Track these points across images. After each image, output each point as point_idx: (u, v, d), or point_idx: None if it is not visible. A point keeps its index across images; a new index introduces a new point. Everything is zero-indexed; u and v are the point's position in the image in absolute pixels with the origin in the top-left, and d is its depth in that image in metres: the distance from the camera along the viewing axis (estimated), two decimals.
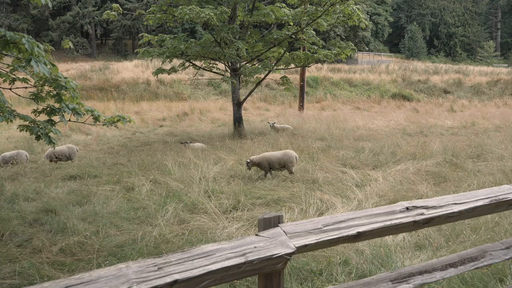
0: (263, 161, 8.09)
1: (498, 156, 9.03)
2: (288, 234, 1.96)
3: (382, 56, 50.92)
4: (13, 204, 6.40)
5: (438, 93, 29.78)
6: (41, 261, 4.37)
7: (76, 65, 34.48)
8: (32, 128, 4.58)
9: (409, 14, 66.32)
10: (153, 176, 7.99)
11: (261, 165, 8.11)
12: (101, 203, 6.42)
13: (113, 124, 5.56)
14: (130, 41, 53.32)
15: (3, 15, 47.04)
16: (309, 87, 28.62)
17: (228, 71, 13.70)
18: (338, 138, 11.70)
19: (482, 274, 3.64)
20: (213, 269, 1.63)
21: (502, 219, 5.06)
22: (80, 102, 5.08)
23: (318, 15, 11.96)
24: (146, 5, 43.42)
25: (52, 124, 4.90)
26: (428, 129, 14.12)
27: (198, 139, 12.75)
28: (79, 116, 4.92)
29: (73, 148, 10.11)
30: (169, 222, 5.57)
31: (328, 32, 39.53)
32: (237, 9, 13.25)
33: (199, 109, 20.89)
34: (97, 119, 5.17)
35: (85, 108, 5.08)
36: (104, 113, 18.47)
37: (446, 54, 61.94)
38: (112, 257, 4.50)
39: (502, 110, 20.52)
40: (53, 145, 4.86)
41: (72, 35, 46.00)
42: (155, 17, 12.96)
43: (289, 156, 8.06)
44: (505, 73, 35.61)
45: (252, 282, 3.78)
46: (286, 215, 5.63)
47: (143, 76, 28.45)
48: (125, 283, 1.49)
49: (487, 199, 2.51)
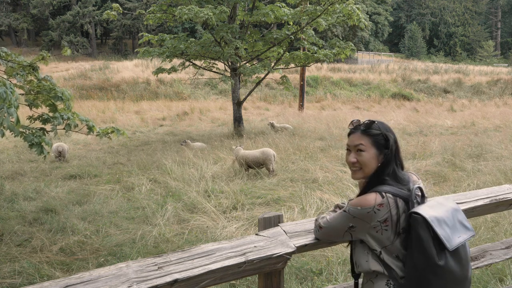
0: (239, 160, 8.14)
1: (498, 155, 9.03)
2: (288, 234, 1.96)
3: (382, 55, 50.91)
4: (13, 204, 6.40)
5: (438, 93, 29.79)
6: (41, 261, 4.37)
7: (76, 65, 34.48)
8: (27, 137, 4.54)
9: (409, 14, 66.33)
10: (153, 176, 7.99)
11: (238, 163, 8.16)
12: (101, 202, 6.42)
13: (106, 136, 5.54)
14: (130, 41, 53.36)
15: (3, 14, 47.03)
16: (309, 86, 28.62)
17: (227, 71, 13.70)
18: (338, 137, 11.69)
19: (482, 273, 3.64)
20: (213, 269, 1.63)
21: (502, 219, 5.06)
22: (75, 112, 5.07)
23: (317, 15, 11.95)
24: (146, 4, 43.45)
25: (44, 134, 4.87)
26: (428, 128, 14.12)
27: (198, 139, 12.75)
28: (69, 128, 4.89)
29: (63, 146, 10.09)
30: (168, 221, 5.57)
31: (326, 32, 39.50)
32: (237, 9, 13.25)
33: (199, 108, 20.89)
34: (91, 129, 5.15)
35: (79, 118, 5.06)
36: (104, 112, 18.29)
37: (446, 54, 61.95)
38: (112, 257, 4.50)
39: (502, 110, 20.51)
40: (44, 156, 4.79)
41: (72, 34, 46.00)
42: (155, 17, 12.95)
43: (267, 154, 8.09)
44: (505, 73, 35.61)
45: (252, 281, 3.78)
46: (286, 214, 5.63)
47: (143, 75, 28.45)
48: (125, 282, 1.49)
49: (487, 199, 2.51)
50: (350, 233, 1.75)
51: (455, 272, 1.61)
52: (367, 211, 1.66)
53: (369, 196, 1.68)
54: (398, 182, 1.73)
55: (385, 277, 1.70)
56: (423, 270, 1.59)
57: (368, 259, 1.73)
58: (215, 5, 12.14)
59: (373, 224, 1.67)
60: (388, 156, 1.75)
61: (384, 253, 1.69)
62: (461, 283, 1.65)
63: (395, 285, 1.67)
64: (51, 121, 4.78)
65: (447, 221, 1.65)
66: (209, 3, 12.44)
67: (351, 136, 1.81)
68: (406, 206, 1.68)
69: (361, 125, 1.80)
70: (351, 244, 1.87)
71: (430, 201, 1.73)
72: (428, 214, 1.62)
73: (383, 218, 1.65)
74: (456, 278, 1.62)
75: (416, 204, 1.69)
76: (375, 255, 1.71)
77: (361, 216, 1.68)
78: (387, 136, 1.76)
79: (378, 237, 1.68)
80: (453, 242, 1.61)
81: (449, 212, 1.69)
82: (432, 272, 1.58)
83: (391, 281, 1.68)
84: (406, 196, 1.69)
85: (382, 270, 1.70)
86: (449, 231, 1.63)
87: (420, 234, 1.60)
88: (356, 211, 1.69)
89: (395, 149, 1.77)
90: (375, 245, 1.70)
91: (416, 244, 1.61)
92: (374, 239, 1.69)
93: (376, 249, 1.70)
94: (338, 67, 35.05)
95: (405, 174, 1.79)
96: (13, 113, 3.20)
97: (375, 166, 1.75)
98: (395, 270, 1.68)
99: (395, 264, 1.68)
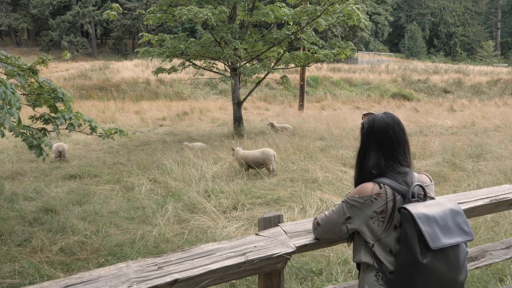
0: (240, 160, 8.14)
1: (498, 155, 9.02)
2: (288, 234, 1.96)
3: (382, 55, 50.90)
4: (13, 204, 6.40)
5: (438, 93, 29.78)
6: (41, 261, 4.37)
7: (76, 65, 34.49)
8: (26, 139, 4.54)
9: (409, 14, 66.32)
10: (153, 176, 7.99)
11: (238, 163, 8.16)
12: (101, 202, 6.42)
13: (109, 137, 5.54)
14: (130, 41, 53.35)
15: (3, 14, 47.03)
16: (309, 86, 28.62)
17: (227, 71, 13.70)
18: (338, 137, 11.70)
19: (482, 273, 3.64)
20: (213, 269, 1.63)
21: (502, 219, 5.06)
22: (78, 112, 5.07)
23: (317, 15, 11.95)
24: (146, 4, 43.44)
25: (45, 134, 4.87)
26: (428, 128, 14.12)
27: (198, 139, 12.75)
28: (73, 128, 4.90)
29: (63, 146, 10.10)
30: (168, 221, 5.57)
31: (326, 32, 39.51)
32: (237, 9, 13.25)
33: (199, 108, 20.89)
34: (94, 130, 5.16)
35: (83, 118, 5.07)
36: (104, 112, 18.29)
37: (446, 54, 61.94)
38: (112, 257, 4.50)
39: (502, 110, 20.51)
40: (43, 158, 4.79)
41: (72, 34, 46.00)
42: (155, 17, 12.95)
43: (267, 154, 8.10)
44: (505, 73, 35.59)
45: (252, 281, 3.78)
46: (286, 214, 5.63)
47: (143, 75, 28.44)
48: (125, 282, 1.49)
49: (487, 199, 2.51)
50: (346, 225, 1.76)
51: (441, 273, 1.58)
52: (364, 199, 1.68)
53: (367, 185, 1.70)
54: (398, 178, 1.73)
55: (375, 269, 1.71)
56: (408, 267, 1.59)
57: (361, 250, 1.76)
58: (215, 5, 12.14)
59: (370, 214, 1.68)
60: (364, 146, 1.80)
61: (377, 246, 1.70)
62: (449, 286, 1.62)
63: (383, 279, 1.68)
64: (53, 121, 4.79)
65: (438, 220, 1.62)
66: (209, 3, 12.43)
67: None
68: (404, 202, 1.68)
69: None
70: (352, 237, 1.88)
71: (430, 200, 1.73)
72: (416, 210, 1.60)
73: (380, 209, 1.67)
74: (442, 279, 1.59)
75: (415, 201, 1.69)
76: (368, 247, 1.73)
77: (359, 205, 1.69)
78: (369, 130, 1.80)
79: (374, 228, 1.69)
80: (439, 242, 1.57)
81: (445, 213, 1.66)
82: (417, 270, 1.57)
83: (380, 274, 1.70)
84: (404, 191, 1.69)
85: (372, 263, 1.71)
86: (438, 230, 1.59)
87: (407, 231, 1.60)
88: (354, 200, 1.71)
89: (386, 143, 1.76)
90: (369, 237, 1.71)
91: (403, 241, 1.62)
92: (370, 231, 1.70)
93: (369, 241, 1.72)
94: (338, 67, 35.05)
95: (409, 173, 1.78)
96: (15, 113, 3.19)
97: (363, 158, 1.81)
98: (385, 265, 1.68)
99: (386, 259, 1.69)
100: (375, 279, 1.70)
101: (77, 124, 4.94)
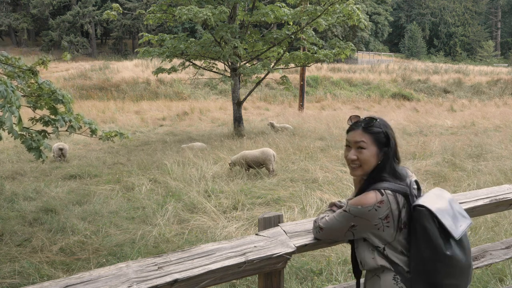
0: (240, 160, 8.15)
1: (498, 155, 9.02)
2: (288, 234, 1.96)
3: (382, 55, 50.91)
4: (13, 204, 6.40)
5: (438, 93, 29.78)
6: (41, 261, 4.37)
7: (76, 65, 34.50)
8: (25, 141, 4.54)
9: (409, 14, 66.32)
10: (153, 176, 7.99)
11: (238, 163, 8.18)
12: (101, 202, 6.42)
13: (110, 139, 5.53)
14: (130, 41, 53.36)
15: (3, 14, 47.04)
16: (309, 86, 28.62)
17: (227, 71, 13.70)
18: (338, 137, 11.69)
19: (482, 273, 3.64)
20: (213, 269, 1.63)
21: (502, 219, 5.06)
22: (79, 114, 5.06)
23: (317, 15, 11.95)
24: (146, 4, 43.46)
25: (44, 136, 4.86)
26: (428, 128, 14.11)
27: (198, 139, 12.75)
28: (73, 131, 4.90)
29: (63, 145, 10.11)
30: (168, 221, 5.57)
31: (326, 32, 39.51)
32: (237, 9, 13.25)
33: (199, 108, 20.89)
34: (94, 132, 5.15)
35: (83, 121, 5.06)
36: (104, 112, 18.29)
37: (446, 54, 61.95)
38: (112, 257, 4.50)
39: (502, 110, 20.51)
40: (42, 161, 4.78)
41: (72, 34, 46.01)
42: (155, 17, 12.96)
43: (266, 154, 8.09)
44: (505, 73, 35.60)
45: (252, 281, 3.78)
46: (286, 214, 5.63)
47: (143, 75, 28.45)
48: (125, 282, 1.49)
49: (487, 199, 2.51)
50: (352, 232, 1.76)
51: (461, 260, 1.65)
52: (368, 210, 1.66)
53: (369, 195, 1.68)
54: (396, 178, 1.75)
55: (391, 272, 1.71)
56: (431, 261, 1.62)
57: (374, 256, 1.74)
58: (215, 5, 12.14)
59: (374, 222, 1.67)
60: (388, 153, 1.76)
61: (388, 249, 1.71)
62: (466, 271, 1.68)
63: (402, 280, 1.69)
64: (53, 123, 4.78)
65: (448, 211, 1.70)
66: (209, 3, 12.43)
67: (351, 133, 1.80)
68: (405, 201, 1.70)
69: (361, 121, 1.80)
70: (353, 243, 1.87)
71: (428, 193, 1.77)
72: (433, 206, 1.66)
73: (384, 215, 1.66)
74: (462, 266, 1.66)
75: (414, 197, 1.72)
76: (379, 251, 1.72)
77: (362, 215, 1.68)
78: (387, 134, 1.76)
79: (380, 234, 1.69)
80: (458, 231, 1.66)
81: (448, 203, 1.74)
82: (443, 263, 1.61)
83: (398, 276, 1.70)
84: (405, 190, 1.70)
85: (388, 266, 1.71)
86: (452, 221, 1.67)
87: (426, 226, 1.63)
88: (357, 210, 1.69)
89: (394, 146, 1.79)
90: (378, 242, 1.71)
91: (422, 237, 1.64)
92: (376, 237, 1.70)
93: (379, 245, 1.71)
94: (338, 67, 35.05)
95: (403, 169, 1.82)
96: (15, 112, 3.19)
97: (374, 163, 1.76)
98: (400, 265, 1.70)
99: (400, 259, 1.70)
100: (394, 282, 1.69)
101: (77, 126, 4.93)
